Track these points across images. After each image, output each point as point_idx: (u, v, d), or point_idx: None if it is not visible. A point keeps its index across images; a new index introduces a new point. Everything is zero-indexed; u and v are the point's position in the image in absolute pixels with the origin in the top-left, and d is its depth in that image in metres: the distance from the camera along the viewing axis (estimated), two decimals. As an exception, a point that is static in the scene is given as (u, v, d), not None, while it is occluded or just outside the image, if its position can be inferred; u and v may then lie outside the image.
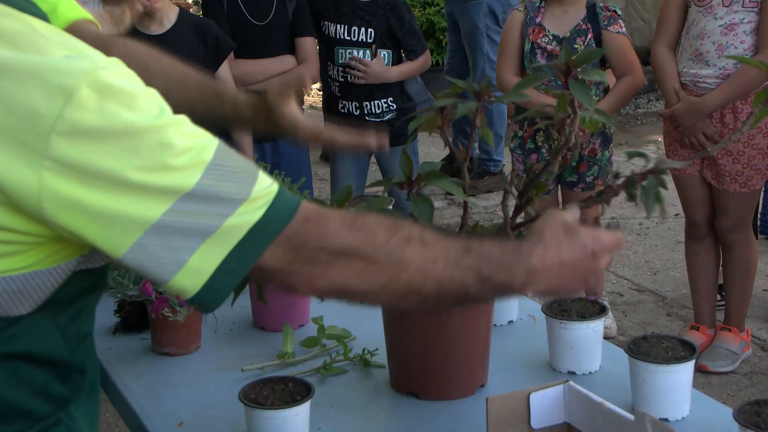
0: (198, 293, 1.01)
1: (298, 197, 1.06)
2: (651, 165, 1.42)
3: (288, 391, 1.50)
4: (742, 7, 2.99)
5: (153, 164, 0.95)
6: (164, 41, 2.97)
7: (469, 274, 1.12)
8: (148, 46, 1.54)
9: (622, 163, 3.79)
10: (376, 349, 1.73)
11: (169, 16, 3.05)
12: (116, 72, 0.96)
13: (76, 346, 1.12)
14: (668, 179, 1.43)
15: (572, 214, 1.25)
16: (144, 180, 0.94)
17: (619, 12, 3.32)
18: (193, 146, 0.98)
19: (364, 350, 1.75)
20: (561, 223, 1.20)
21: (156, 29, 3.02)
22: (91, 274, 1.08)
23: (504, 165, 5.17)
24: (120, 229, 0.96)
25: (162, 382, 1.73)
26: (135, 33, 2.96)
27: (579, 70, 1.47)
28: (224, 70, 3.18)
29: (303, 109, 2.79)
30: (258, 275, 1.06)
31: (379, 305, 1.45)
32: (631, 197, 1.43)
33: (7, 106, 0.91)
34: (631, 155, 1.45)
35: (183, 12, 3.16)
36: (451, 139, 1.64)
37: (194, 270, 0.99)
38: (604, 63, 3.25)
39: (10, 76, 0.92)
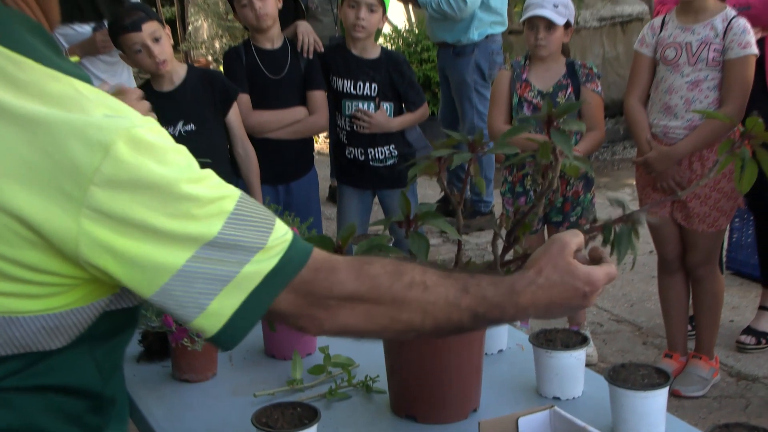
0: (216, 334, 1.01)
1: (309, 246, 1.06)
2: (625, 213, 1.42)
3: (297, 415, 1.48)
4: (706, 65, 3.01)
5: (179, 213, 0.95)
6: (175, 96, 2.99)
7: (466, 313, 1.12)
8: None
9: (603, 205, 3.77)
10: (378, 376, 1.72)
11: (178, 74, 3.05)
12: (150, 129, 0.96)
13: (109, 377, 1.11)
14: (642, 228, 1.42)
15: (575, 240, 1.21)
16: (171, 228, 0.95)
17: (596, 69, 3.34)
18: (217, 197, 0.98)
19: (366, 377, 1.73)
20: (557, 260, 1.17)
21: (167, 87, 3.03)
22: (124, 314, 1.07)
23: (494, 205, 5.17)
24: (148, 273, 0.96)
25: (181, 406, 1.71)
26: (149, 91, 2.97)
27: (560, 120, 1.48)
28: (233, 114, 3.18)
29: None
30: (272, 317, 1.06)
31: (380, 340, 1.46)
32: (606, 241, 1.42)
33: (52, 159, 0.92)
34: (611, 201, 1.45)
35: (191, 68, 3.17)
36: (446, 183, 1.64)
37: (213, 313, 0.99)
38: (579, 114, 3.26)
39: (55, 132, 0.92)
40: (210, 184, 0.99)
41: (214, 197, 0.98)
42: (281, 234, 1.03)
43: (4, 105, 0.93)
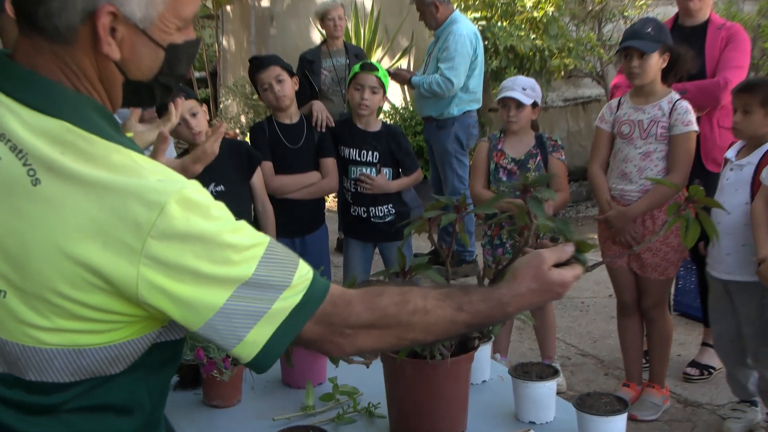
0: (252, 360, 1.02)
1: (327, 283, 1.07)
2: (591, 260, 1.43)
3: (309, 437, 1.46)
4: (656, 140, 3.04)
5: (221, 260, 0.97)
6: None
7: (461, 326, 1.15)
8: None
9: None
10: (379, 403, 1.70)
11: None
12: (196, 190, 0.99)
13: (158, 402, 1.11)
14: (602, 270, 1.43)
15: (552, 256, 1.23)
16: (214, 272, 0.96)
17: (560, 141, 3.37)
18: (251, 245, 1.00)
19: (369, 404, 1.71)
20: (535, 271, 1.21)
21: None
22: (171, 345, 1.08)
23: (477, 255, 5.16)
24: (196, 311, 0.98)
25: (210, 429, 1.69)
26: None
27: (534, 190, 1.49)
28: (256, 177, 3.19)
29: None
30: (300, 344, 1.08)
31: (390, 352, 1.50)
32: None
33: (117, 216, 0.94)
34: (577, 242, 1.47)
35: (222, 139, 3.18)
36: (436, 237, 1.64)
37: (250, 343, 1.00)
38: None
39: (119, 195, 0.95)
40: (245, 233, 1.01)
41: (249, 244, 1.00)
42: (304, 273, 1.04)
43: (77, 173, 0.95)
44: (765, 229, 2.62)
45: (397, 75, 4.99)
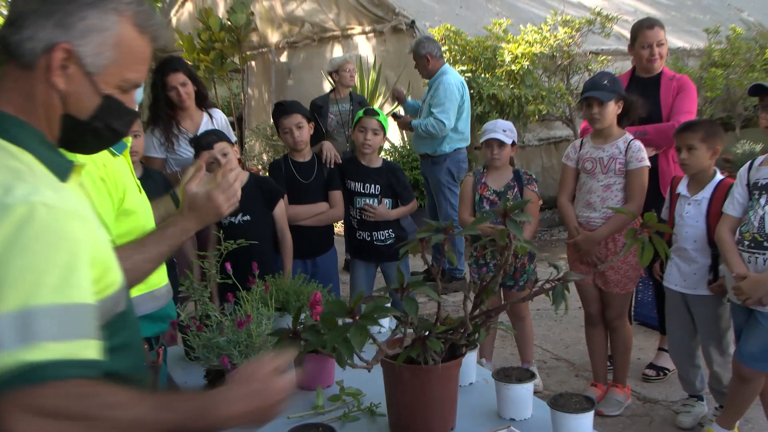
0: None
1: (57, 374, 0.87)
2: (560, 275, 1.43)
3: (319, 433, 1.44)
4: (614, 174, 3.05)
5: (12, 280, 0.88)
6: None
7: (163, 426, 0.94)
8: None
9: (545, 273, 3.75)
10: (380, 403, 1.68)
11: (242, 180, 3.08)
12: (48, 213, 0.92)
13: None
14: (571, 286, 1.43)
15: (270, 363, 1.07)
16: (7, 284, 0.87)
17: (534, 176, 3.38)
18: (54, 286, 0.89)
19: (371, 404, 1.70)
20: (248, 373, 1.06)
21: None
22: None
23: (465, 272, 5.14)
24: None
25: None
26: None
27: (513, 214, 1.50)
28: (279, 208, 3.19)
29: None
30: None
31: None
32: (548, 295, 1.43)
33: None
34: (550, 264, 1.48)
35: (250, 174, 3.21)
36: (430, 257, 1.64)
37: None
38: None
39: None
40: (69, 278, 0.90)
41: (54, 284, 0.89)
42: (42, 353, 0.86)
43: None
44: (735, 254, 2.62)
45: (399, 119, 5.05)
